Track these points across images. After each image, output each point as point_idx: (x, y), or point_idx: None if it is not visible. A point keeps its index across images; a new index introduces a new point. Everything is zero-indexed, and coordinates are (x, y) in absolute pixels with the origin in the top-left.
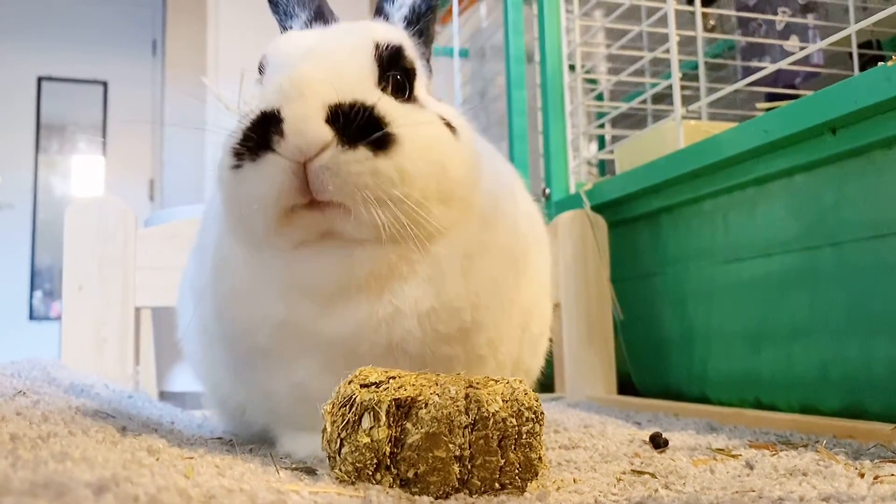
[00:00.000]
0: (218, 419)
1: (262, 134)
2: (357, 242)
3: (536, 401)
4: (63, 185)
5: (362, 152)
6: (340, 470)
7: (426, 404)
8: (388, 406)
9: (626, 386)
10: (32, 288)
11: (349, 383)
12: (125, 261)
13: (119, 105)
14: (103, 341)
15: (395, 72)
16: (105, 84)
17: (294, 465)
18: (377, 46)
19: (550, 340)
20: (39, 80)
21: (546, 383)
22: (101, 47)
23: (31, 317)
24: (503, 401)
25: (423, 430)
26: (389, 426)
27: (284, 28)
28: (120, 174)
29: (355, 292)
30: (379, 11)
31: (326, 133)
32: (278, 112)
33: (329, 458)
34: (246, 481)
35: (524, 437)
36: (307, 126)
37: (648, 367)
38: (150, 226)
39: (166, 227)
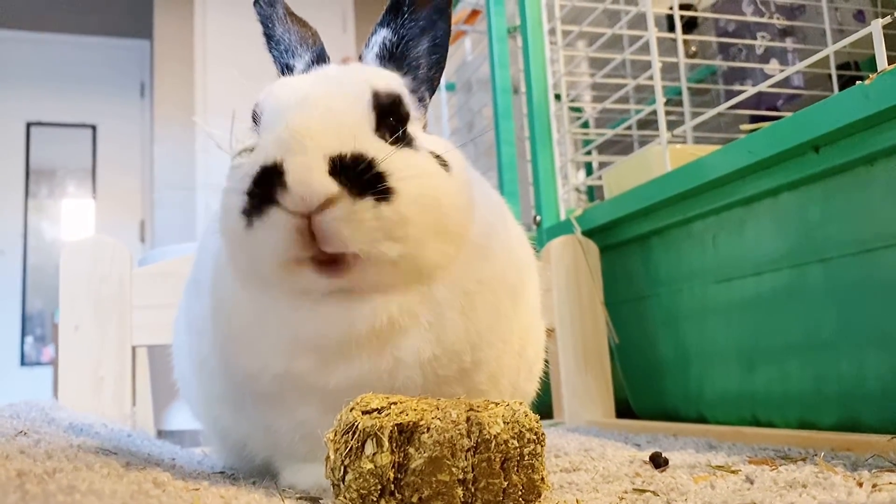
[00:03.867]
0: (217, 454)
1: (264, 188)
2: (361, 294)
3: (537, 422)
4: (53, 230)
5: (368, 202)
6: (345, 497)
7: (428, 428)
8: (391, 431)
9: (624, 410)
10: (23, 333)
11: (351, 410)
12: (121, 300)
13: (108, 148)
14: (100, 381)
15: (391, 118)
16: (94, 128)
17: (298, 496)
18: (376, 95)
19: (546, 362)
20: (28, 125)
21: (544, 409)
22: (90, 92)
23: (23, 362)
24: (504, 423)
25: (425, 455)
26: (392, 451)
27: (282, 67)
28: (110, 217)
29: (356, 349)
30: (360, 58)
31: (330, 185)
32: (279, 165)
33: (333, 486)
34: None
35: (526, 458)
36: (310, 177)
37: (645, 390)
38: (143, 265)
39: (161, 265)
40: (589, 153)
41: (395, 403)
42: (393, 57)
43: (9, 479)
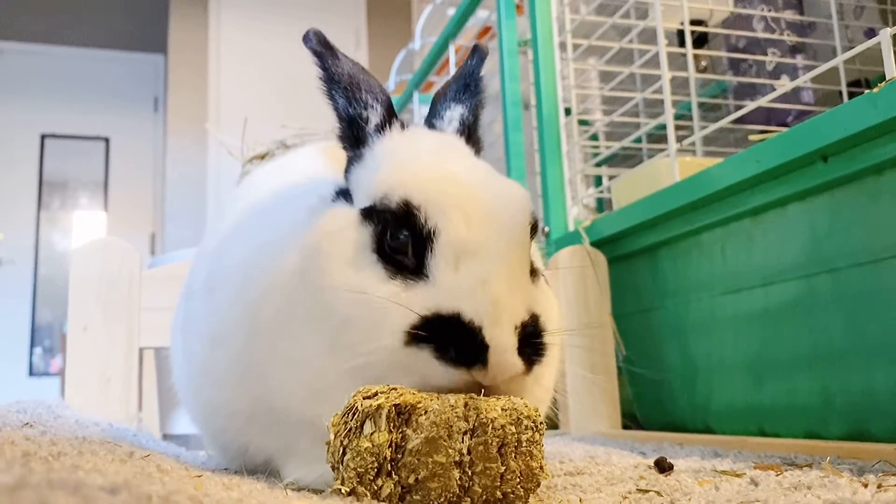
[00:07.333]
0: (217, 456)
1: (462, 351)
2: None
3: (536, 412)
4: (65, 241)
5: (536, 367)
6: (343, 476)
7: (426, 411)
8: (389, 411)
9: (631, 422)
10: (32, 344)
11: (353, 396)
12: (129, 301)
13: (121, 161)
14: (107, 381)
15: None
16: (107, 140)
17: (301, 487)
18: (533, 227)
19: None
20: (42, 137)
21: (550, 420)
22: (104, 105)
23: (31, 373)
24: (502, 409)
25: (422, 435)
26: (390, 431)
27: (349, 116)
28: (121, 229)
29: None
30: (430, 125)
31: (519, 365)
32: (479, 332)
33: (333, 470)
34: (254, 496)
35: (524, 444)
36: (507, 359)
37: (652, 402)
38: (152, 268)
39: (170, 267)
40: (599, 165)
41: (395, 389)
42: (471, 136)
43: (14, 457)
